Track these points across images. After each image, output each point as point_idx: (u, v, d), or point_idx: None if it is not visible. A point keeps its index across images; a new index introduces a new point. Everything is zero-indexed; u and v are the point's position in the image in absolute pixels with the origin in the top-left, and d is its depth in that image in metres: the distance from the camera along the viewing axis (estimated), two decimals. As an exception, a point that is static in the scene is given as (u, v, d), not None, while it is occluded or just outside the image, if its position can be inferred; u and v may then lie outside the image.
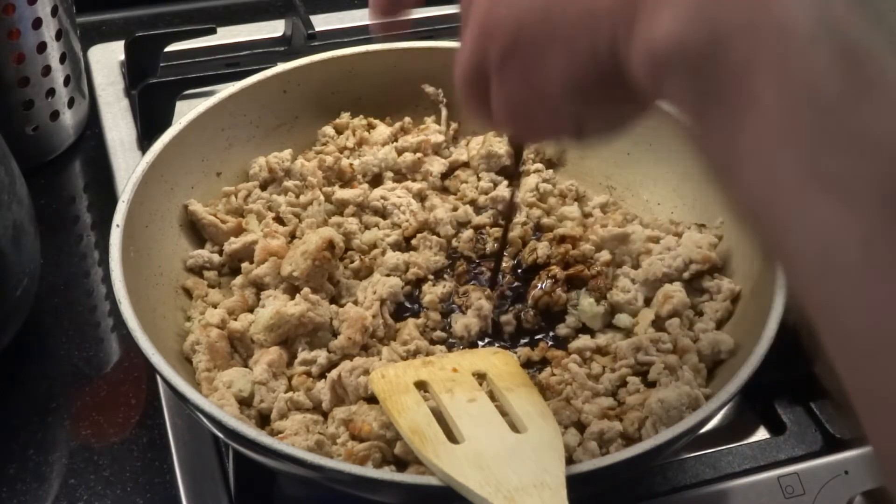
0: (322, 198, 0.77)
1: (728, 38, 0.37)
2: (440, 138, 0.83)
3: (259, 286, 0.71)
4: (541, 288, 0.71)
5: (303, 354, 0.67)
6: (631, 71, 0.42)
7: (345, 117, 0.84)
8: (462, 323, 0.70)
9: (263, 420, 0.64)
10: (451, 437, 0.57)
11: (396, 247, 0.75)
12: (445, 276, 0.74)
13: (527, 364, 0.68)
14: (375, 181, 0.81)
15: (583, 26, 0.43)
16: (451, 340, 0.70)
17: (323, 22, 1.04)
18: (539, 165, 0.83)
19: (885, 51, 0.37)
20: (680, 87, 0.39)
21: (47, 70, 0.87)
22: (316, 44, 0.99)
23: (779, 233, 0.37)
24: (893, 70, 0.36)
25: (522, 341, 0.70)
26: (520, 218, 0.77)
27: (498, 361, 0.64)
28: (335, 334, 0.68)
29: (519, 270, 0.74)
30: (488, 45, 0.48)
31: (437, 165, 0.82)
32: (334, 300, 0.71)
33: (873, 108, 0.35)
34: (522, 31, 0.46)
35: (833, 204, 0.35)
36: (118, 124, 0.95)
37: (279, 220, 0.76)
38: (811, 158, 0.36)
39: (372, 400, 0.63)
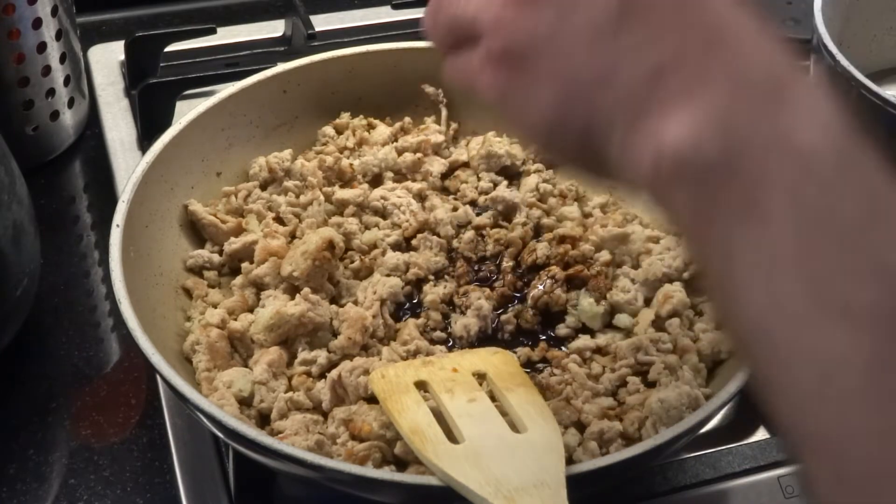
0: (322, 198, 0.77)
1: (744, 152, 0.36)
2: (440, 138, 0.83)
3: (259, 286, 0.71)
4: (540, 288, 0.71)
5: (303, 354, 0.67)
6: (626, 166, 0.40)
7: (345, 117, 0.84)
8: (461, 323, 0.70)
9: (263, 420, 0.64)
10: (452, 437, 0.57)
11: (396, 247, 0.75)
12: (446, 276, 0.74)
13: (527, 364, 0.68)
14: (375, 181, 0.81)
15: (586, 90, 0.41)
16: (450, 341, 0.70)
17: (323, 22, 1.04)
18: (539, 165, 0.83)
19: (892, 180, 0.36)
20: (683, 194, 0.38)
21: (47, 70, 0.87)
22: (316, 44, 0.99)
23: (774, 355, 0.36)
24: None
25: (522, 341, 0.70)
26: (520, 218, 0.77)
27: (498, 361, 0.64)
28: (335, 334, 0.68)
29: (519, 270, 0.74)
30: (495, 30, 0.44)
31: (437, 165, 0.82)
32: (334, 300, 0.71)
33: (885, 237, 0.35)
34: (533, 45, 0.43)
35: (837, 328, 0.34)
36: (118, 124, 0.94)
37: (279, 220, 0.76)
38: (820, 282, 0.34)
39: (372, 400, 0.63)
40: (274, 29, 1.05)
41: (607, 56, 0.40)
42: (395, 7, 1.06)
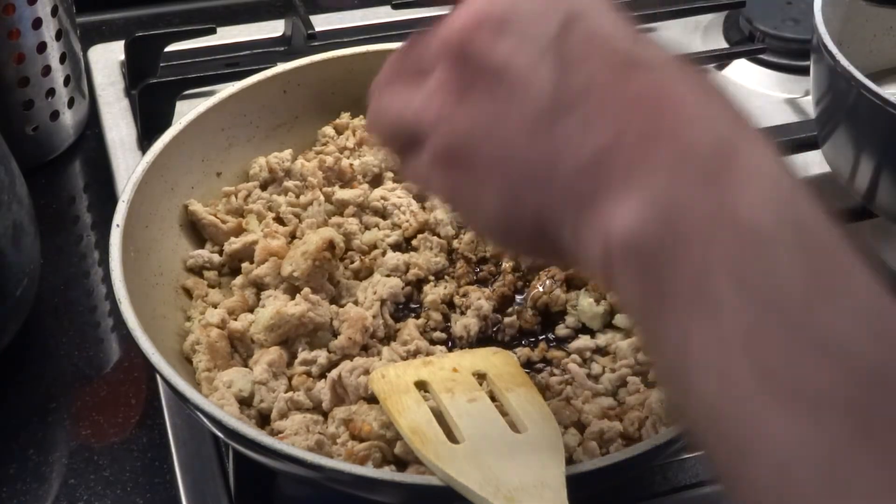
0: (322, 198, 0.77)
1: (687, 236, 0.35)
2: (440, 138, 0.83)
3: (259, 286, 0.71)
4: (540, 289, 0.71)
5: (303, 354, 0.67)
6: (579, 254, 0.39)
7: (345, 117, 0.84)
8: (462, 323, 0.69)
9: (263, 420, 0.64)
10: (452, 437, 0.57)
11: (397, 247, 0.75)
12: (446, 277, 0.74)
13: (527, 364, 0.68)
14: (375, 181, 0.81)
15: (530, 184, 0.40)
16: (451, 341, 0.70)
17: (323, 22, 1.04)
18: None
19: (848, 251, 0.35)
20: (633, 283, 0.37)
21: (47, 70, 0.87)
22: (316, 44, 0.98)
23: (729, 444, 0.34)
24: (858, 272, 0.34)
25: (522, 342, 0.70)
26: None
27: (498, 361, 0.64)
28: (335, 334, 0.68)
29: (518, 272, 0.74)
30: (436, 127, 0.43)
31: (437, 165, 0.82)
32: (334, 300, 0.71)
33: (837, 313, 0.33)
34: (472, 142, 0.42)
35: (793, 416, 0.32)
36: (118, 124, 0.94)
37: (279, 220, 0.76)
38: (771, 366, 0.33)
39: (372, 400, 0.63)
40: (274, 29, 1.05)
41: (546, 147, 0.39)
42: (395, 7, 1.06)
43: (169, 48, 0.97)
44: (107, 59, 1.02)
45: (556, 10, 0.40)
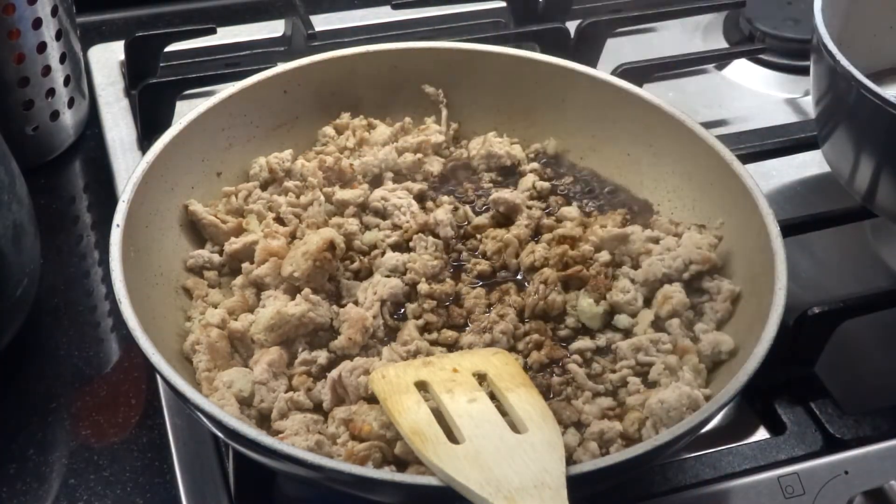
0: (322, 198, 0.77)
1: None
2: (440, 138, 0.83)
3: (259, 286, 0.71)
4: (535, 294, 0.71)
5: (303, 354, 0.67)
6: None
7: (345, 117, 0.84)
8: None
9: (263, 420, 0.64)
10: (452, 437, 0.57)
11: (396, 248, 0.75)
12: (447, 277, 0.74)
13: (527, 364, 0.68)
14: (376, 182, 0.81)
15: None
16: (451, 341, 0.70)
17: (323, 22, 1.04)
18: (535, 165, 0.83)
19: None
20: None
21: (47, 70, 0.87)
22: (316, 44, 0.99)
23: None
24: None
25: (522, 342, 0.70)
26: (521, 219, 0.77)
27: (498, 361, 0.64)
28: (335, 334, 0.68)
29: (518, 273, 0.74)
30: None
31: (437, 165, 0.82)
32: (334, 300, 0.71)
33: None
34: None
35: None
36: (118, 124, 0.95)
37: (280, 220, 0.76)
38: None
39: (372, 400, 0.63)
40: (274, 29, 1.06)
41: None
42: (395, 7, 1.06)
43: (169, 48, 0.97)
44: (107, 59, 1.02)
45: None
